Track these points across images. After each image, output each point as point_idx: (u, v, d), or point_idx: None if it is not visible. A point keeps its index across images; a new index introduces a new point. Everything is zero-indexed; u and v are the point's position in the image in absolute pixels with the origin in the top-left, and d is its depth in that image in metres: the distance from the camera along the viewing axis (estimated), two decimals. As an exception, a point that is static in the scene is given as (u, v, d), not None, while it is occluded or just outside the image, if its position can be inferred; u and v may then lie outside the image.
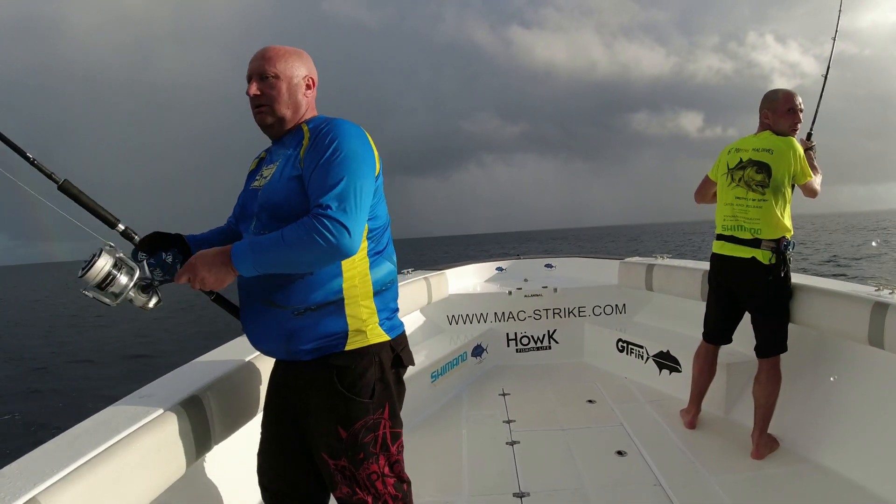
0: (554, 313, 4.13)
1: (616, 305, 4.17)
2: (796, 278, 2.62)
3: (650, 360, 3.51)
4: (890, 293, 2.30)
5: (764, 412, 2.46)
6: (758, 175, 2.47)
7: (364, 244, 1.33)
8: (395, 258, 1.47)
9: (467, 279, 4.57)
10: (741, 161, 2.53)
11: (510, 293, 4.13)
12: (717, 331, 2.75)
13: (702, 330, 2.82)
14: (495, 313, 4.12)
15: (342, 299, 1.30)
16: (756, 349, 2.54)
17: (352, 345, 1.31)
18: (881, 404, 2.29)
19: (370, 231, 1.35)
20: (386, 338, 1.36)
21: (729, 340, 2.76)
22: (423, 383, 3.17)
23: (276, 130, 1.40)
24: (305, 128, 1.35)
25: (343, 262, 1.29)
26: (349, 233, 1.17)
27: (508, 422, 2.98)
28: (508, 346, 4.11)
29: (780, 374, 2.49)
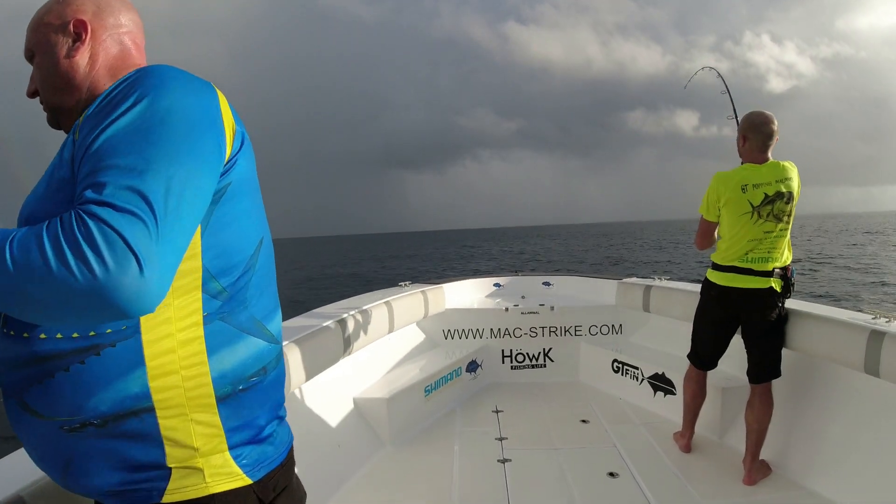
0: (550, 331, 4.12)
1: (612, 325, 4.17)
2: (790, 304, 2.63)
3: (645, 381, 3.50)
4: (887, 321, 2.31)
5: (756, 437, 2.45)
6: (787, 206, 2.44)
7: (194, 300, 0.74)
8: (276, 326, 0.85)
9: (464, 294, 4.58)
10: (767, 196, 2.45)
11: (507, 310, 4.12)
12: (713, 359, 2.75)
13: None
14: (491, 329, 4.11)
15: (151, 408, 0.71)
16: (749, 374, 2.53)
17: (176, 493, 0.73)
18: (875, 432, 2.29)
19: (210, 274, 0.75)
20: (243, 480, 0.77)
21: (716, 366, 2.77)
22: (417, 397, 3.16)
23: (68, 126, 0.86)
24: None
25: (145, 337, 0.70)
26: (139, 263, 0.58)
27: (501, 439, 2.96)
28: (503, 362, 4.09)
29: (772, 400, 2.48)
